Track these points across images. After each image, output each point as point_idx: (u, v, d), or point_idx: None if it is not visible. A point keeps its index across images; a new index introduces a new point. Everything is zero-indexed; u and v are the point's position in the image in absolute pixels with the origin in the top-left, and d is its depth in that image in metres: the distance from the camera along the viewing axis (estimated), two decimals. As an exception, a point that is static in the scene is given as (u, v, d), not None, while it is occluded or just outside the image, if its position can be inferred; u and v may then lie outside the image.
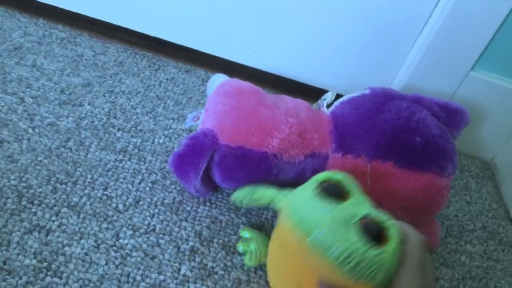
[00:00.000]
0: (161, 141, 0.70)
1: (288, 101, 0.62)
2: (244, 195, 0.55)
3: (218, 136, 0.56)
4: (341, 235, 0.40)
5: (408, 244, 0.41)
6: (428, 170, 0.58)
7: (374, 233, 0.41)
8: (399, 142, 0.58)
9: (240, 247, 0.58)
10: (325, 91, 0.68)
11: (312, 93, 0.82)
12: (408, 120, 0.59)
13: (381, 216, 0.42)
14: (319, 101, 0.67)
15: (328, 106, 0.65)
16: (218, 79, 0.63)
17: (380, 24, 0.77)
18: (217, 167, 0.57)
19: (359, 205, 0.43)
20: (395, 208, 0.54)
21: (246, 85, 0.61)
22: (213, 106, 0.59)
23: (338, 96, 0.66)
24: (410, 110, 0.60)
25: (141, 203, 0.60)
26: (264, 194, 0.53)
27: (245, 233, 0.59)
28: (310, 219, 0.42)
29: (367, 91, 0.64)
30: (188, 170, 0.57)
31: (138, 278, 0.53)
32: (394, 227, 0.41)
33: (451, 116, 0.64)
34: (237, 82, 0.62)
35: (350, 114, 0.61)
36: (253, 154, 0.56)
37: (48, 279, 0.50)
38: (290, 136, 0.58)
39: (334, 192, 0.44)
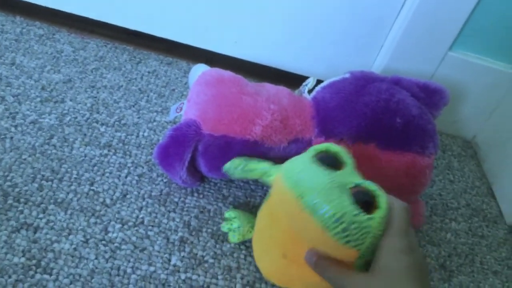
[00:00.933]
0: (145, 134, 0.70)
1: (269, 88, 0.63)
2: (237, 165, 0.55)
3: (201, 126, 0.56)
4: (335, 197, 0.41)
5: (393, 210, 0.42)
6: (409, 150, 0.59)
7: (364, 201, 0.42)
8: (379, 124, 0.59)
9: (225, 227, 0.60)
10: (306, 78, 0.68)
11: (293, 80, 0.83)
12: (388, 102, 0.59)
13: (371, 186, 0.43)
14: (301, 87, 0.67)
15: (310, 91, 0.65)
16: (199, 69, 0.63)
17: (357, 9, 0.78)
18: (202, 156, 0.58)
19: (352, 175, 0.45)
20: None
21: (227, 74, 0.62)
22: (195, 96, 0.59)
23: (319, 81, 0.67)
24: (390, 91, 0.60)
25: (128, 196, 0.61)
26: (258, 166, 0.53)
27: (229, 214, 0.61)
28: (306, 182, 0.43)
29: (347, 75, 0.65)
30: (173, 162, 0.58)
31: (129, 270, 0.53)
32: (382, 197, 0.43)
33: (431, 96, 0.64)
34: (218, 72, 0.62)
35: (331, 98, 0.62)
36: (236, 142, 0.57)
37: (38, 276, 0.50)
38: (272, 122, 0.58)
39: (330, 162, 0.46)
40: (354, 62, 0.84)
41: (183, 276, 0.54)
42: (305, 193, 0.42)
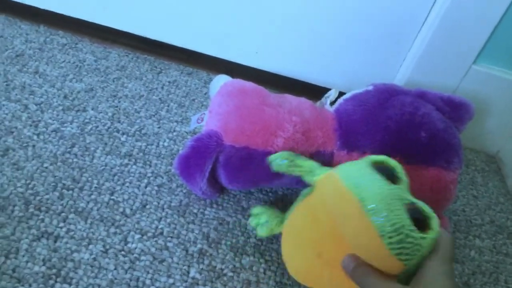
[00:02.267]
0: (165, 144, 0.70)
1: (291, 100, 0.62)
2: (284, 158, 0.54)
3: (222, 137, 0.56)
4: (396, 208, 0.41)
5: (441, 238, 0.43)
6: (434, 165, 0.58)
7: (416, 219, 0.42)
8: (404, 137, 0.57)
9: (252, 222, 0.58)
10: (328, 89, 0.68)
11: (315, 92, 0.82)
12: (413, 115, 0.58)
13: (425, 207, 0.44)
14: (323, 99, 0.67)
15: (332, 103, 0.65)
16: (221, 80, 0.63)
17: (381, 21, 0.77)
18: (223, 168, 0.57)
19: (407, 192, 0.45)
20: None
21: (249, 85, 0.61)
22: (217, 107, 0.59)
23: (341, 93, 0.66)
24: (414, 105, 0.59)
25: (148, 206, 0.60)
26: (305, 163, 0.53)
27: (255, 210, 0.59)
28: (367, 186, 0.43)
29: (370, 88, 0.64)
30: (194, 172, 0.57)
31: (148, 282, 0.53)
32: (435, 219, 0.43)
33: (455, 110, 0.63)
34: (239, 82, 0.62)
35: (354, 111, 0.61)
36: (258, 154, 0.56)
37: (57, 285, 0.50)
38: (294, 135, 0.57)
39: (386, 175, 0.46)
40: (376, 74, 0.83)
41: (202, 289, 0.54)
42: (367, 197, 0.42)
